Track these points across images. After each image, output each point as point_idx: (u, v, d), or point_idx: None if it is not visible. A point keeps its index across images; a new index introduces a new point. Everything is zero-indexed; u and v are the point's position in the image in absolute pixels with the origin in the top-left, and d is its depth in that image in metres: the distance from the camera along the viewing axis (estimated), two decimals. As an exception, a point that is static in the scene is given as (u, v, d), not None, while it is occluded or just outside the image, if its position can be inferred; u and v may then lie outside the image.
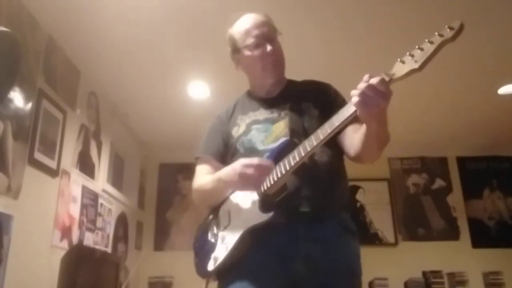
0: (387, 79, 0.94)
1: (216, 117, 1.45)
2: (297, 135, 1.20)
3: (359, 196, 4.46)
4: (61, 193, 2.47)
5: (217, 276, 1.23)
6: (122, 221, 3.62)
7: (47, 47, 2.39)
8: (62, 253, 2.39)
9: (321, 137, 1.04)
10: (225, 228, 1.23)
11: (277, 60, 1.34)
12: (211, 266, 1.21)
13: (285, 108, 1.30)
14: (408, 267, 4.05)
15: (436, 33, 0.89)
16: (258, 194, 1.16)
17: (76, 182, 2.71)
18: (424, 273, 4.03)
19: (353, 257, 1.20)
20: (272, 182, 1.12)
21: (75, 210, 2.67)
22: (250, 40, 1.32)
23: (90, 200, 2.92)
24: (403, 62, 0.93)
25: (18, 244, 1.99)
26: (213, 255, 1.22)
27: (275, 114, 1.31)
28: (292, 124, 1.25)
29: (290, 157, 1.10)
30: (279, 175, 1.11)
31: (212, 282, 1.27)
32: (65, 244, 2.49)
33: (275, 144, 1.19)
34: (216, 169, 1.30)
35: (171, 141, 4.13)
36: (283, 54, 1.37)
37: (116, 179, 3.82)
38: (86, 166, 2.88)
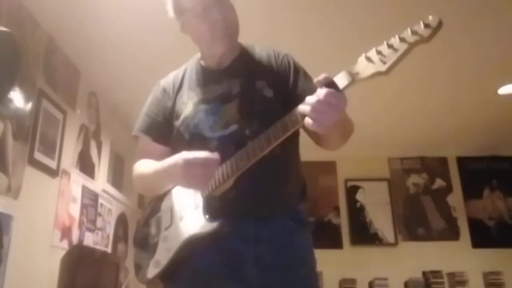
0: (348, 79, 0.85)
1: (161, 89, 1.27)
2: (248, 121, 1.09)
3: (359, 196, 4.46)
4: (61, 193, 2.47)
5: (161, 281, 1.12)
6: (122, 221, 3.62)
7: (47, 47, 2.39)
8: (62, 253, 2.39)
9: (273, 141, 0.96)
10: (166, 228, 1.11)
11: (228, 27, 1.16)
12: (151, 273, 1.10)
13: (236, 85, 1.15)
14: (408, 267, 4.05)
15: (409, 30, 0.77)
16: (202, 196, 1.06)
17: (76, 182, 2.70)
18: (424, 273, 4.03)
19: (305, 250, 1.13)
20: (217, 185, 1.03)
21: (75, 210, 2.66)
22: (196, 3, 1.15)
23: (90, 200, 2.92)
24: (369, 59, 0.82)
25: (18, 244, 1.99)
26: (153, 260, 1.11)
27: (225, 90, 1.16)
28: (243, 108, 1.11)
29: (238, 157, 1.01)
30: (225, 177, 1.02)
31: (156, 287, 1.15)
32: (65, 244, 2.48)
33: (223, 132, 1.08)
34: (157, 153, 1.18)
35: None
36: (235, 17, 1.19)
37: (116, 179, 3.81)
38: (86, 166, 2.88)
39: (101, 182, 3.14)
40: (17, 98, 2.07)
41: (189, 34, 1.23)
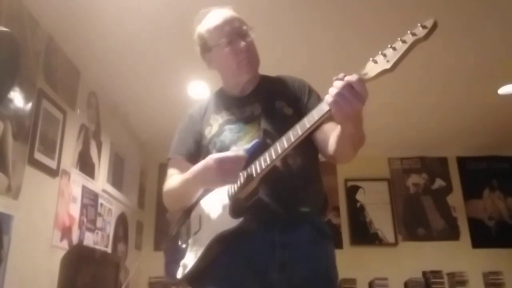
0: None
1: (188, 116, 1.39)
2: (271, 136, 1.16)
3: (359, 196, 4.46)
4: (61, 193, 2.47)
5: (188, 283, 1.18)
6: (122, 221, 3.62)
7: (47, 47, 2.39)
8: (62, 253, 2.39)
9: (292, 139, 1.01)
10: (195, 233, 1.18)
11: (251, 56, 1.29)
12: (179, 274, 1.17)
13: (258, 107, 1.26)
14: (408, 267, 4.05)
15: (409, 32, 0.87)
16: (229, 198, 1.11)
17: (76, 182, 2.70)
18: (424, 273, 4.03)
19: (329, 263, 1.17)
20: (243, 185, 1.08)
21: (75, 210, 2.67)
22: (222, 37, 1.26)
23: (90, 200, 2.92)
24: (375, 61, 0.91)
25: (18, 244, 1.99)
26: (182, 262, 1.18)
27: (248, 113, 1.26)
28: (265, 125, 1.21)
29: (261, 159, 1.06)
30: (250, 178, 1.08)
31: None
32: (65, 244, 2.48)
33: (247, 146, 1.14)
34: (187, 170, 1.24)
35: (171, 141, 4.12)
36: (256, 49, 1.31)
37: (116, 179, 3.81)
38: (86, 166, 2.88)
39: (101, 182, 3.14)
40: (17, 98, 2.07)
41: (216, 67, 1.35)
